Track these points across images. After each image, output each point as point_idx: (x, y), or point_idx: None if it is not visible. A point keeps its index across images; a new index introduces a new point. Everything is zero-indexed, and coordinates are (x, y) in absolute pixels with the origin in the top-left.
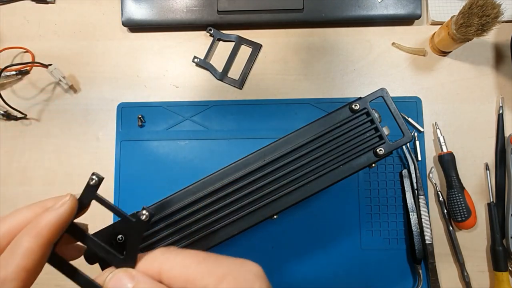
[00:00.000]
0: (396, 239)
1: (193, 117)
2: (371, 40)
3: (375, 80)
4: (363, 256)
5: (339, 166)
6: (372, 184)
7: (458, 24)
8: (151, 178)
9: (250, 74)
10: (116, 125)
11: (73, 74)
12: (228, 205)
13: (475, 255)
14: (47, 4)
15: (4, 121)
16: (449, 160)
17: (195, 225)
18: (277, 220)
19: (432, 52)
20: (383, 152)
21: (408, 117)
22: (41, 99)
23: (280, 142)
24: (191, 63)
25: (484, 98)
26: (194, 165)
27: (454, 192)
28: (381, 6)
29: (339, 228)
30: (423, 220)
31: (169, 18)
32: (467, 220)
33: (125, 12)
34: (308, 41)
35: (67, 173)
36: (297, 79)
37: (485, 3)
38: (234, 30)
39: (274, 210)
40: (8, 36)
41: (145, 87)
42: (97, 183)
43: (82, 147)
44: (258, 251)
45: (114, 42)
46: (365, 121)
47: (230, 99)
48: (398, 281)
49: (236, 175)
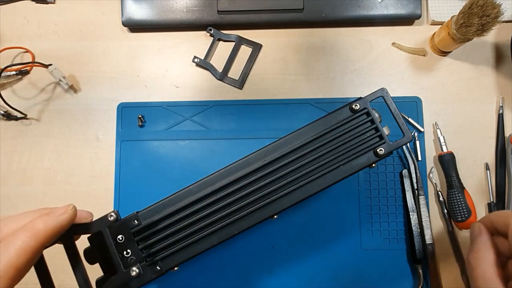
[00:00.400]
0: (396, 239)
1: (193, 117)
2: (371, 40)
3: (375, 80)
4: (363, 256)
5: (339, 166)
6: (372, 184)
7: (458, 24)
8: (151, 178)
9: (250, 74)
10: (116, 125)
11: (73, 74)
12: (228, 205)
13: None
14: (47, 4)
15: (4, 121)
16: (449, 160)
17: (196, 224)
18: (277, 220)
19: (432, 52)
20: (383, 152)
21: (408, 117)
22: (41, 99)
23: (280, 142)
24: (191, 63)
25: (484, 98)
26: (194, 165)
27: (454, 192)
28: (381, 6)
29: (339, 228)
30: (423, 220)
31: (169, 18)
32: (467, 220)
33: (125, 12)
34: (308, 41)
35: (67, 173)
36: (297, 79)
37: (485, 3)
38: (234, 30)
39: (274, 210)
40: (8, 36)
41: (145, 87)
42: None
43: (82, 147)
44: (258, 251)
45: (114, 42)
46: (365, 121)
47: (230, 99)
48: (398, 281)
49: (236, 175)
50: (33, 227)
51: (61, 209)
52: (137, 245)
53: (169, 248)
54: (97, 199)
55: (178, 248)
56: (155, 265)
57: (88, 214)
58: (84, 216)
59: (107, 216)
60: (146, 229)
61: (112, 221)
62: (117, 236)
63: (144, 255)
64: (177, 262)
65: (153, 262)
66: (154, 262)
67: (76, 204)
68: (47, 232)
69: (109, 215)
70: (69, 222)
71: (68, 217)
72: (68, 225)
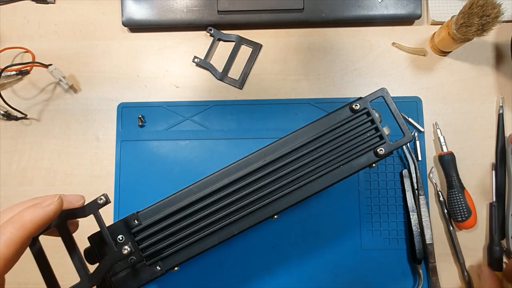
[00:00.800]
0: (397, 239)
1: (193, 117)
2: (371, 40)
3: (375, 80)
4: (363, 256)
5: (340, 166)
6: (372, 184)
7: (458, 24)
8: (151, 178)
9: (250, 74)
10: (116, 125)
11: (73, 74)
12: (229, 205)
13: (475, 255)
14: (47, 4)
15: (4, 121)
16: (450, 160)
17: (196, 224)
18: (277, 220)
19: (432, 52)
20: (384, 152)
21: (408, 117)
22: (41, 99)
23: (280, 142)
24: (191, 63)
25: (484, 98)
26: (194, 165)
27: (455, 192)
28: (381, 6)
29: (339, 228)
30: (424, 220)
31: (169, 18)
32: (468, 220)
33: (125, 12)
34: (308, 41)
35: (67, 173)
36: (297, 79)
37: (486, 3)
38: (234, 30)
39: (274, 210)
40: (8, 36)
41: (145, 87)
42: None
43: (82, 147)
44: (258, 251)
45: (114, 42)
46: (366, 121)
47: (230, 99)
48: (398, 281)
49: (236, 175)
50: (20, 219)
51: (48, 200)
52: (137, 245)
53: (169, 248)
54: None
55: (178, 248)
56: (155, 265)
57: (79, 197)
58: (75, 200)
59: (97, 200)
60: (146, 229)
61: (102, 204)
62: (117, 236)
63: (144, 255)
64: (177, 262)
65: (153, 262)
66: (154, 262)
67: None
68: (34, 223)
69: (98, 198)
70: (56, 212)
71: (54, 208)
72: (55, 215)
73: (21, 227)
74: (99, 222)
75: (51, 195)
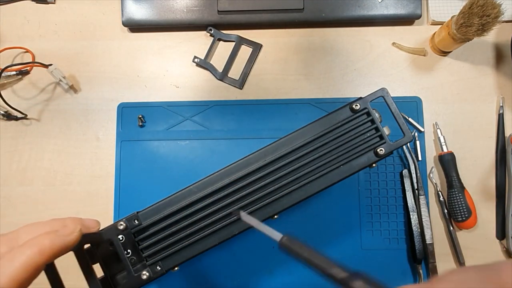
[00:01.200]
0: (397, 239)
1: (194, 117)
2: (371, 40)
3: (375, 80)
4: (363, 256)
5: (340, 166)
6: (372, 184)
7: (458, 24)
8: (151, 178)
9: (251, 74)
10: (116, 125)
11: (73, 74)
12: (229, 205)
13: (476, 255)
14: (47, 4)
15: (4, 121)
16: (450, 160)
17: (196, 224)
18: (277, 220)
19: (432, 52)
20: (384, 152)
21: (408, 117)
22: (41, 99)
23: (280, 142)
24: (191, 63)
25: (484, 98)
26: (195, 165)
27: (455, 192)
28: (381, 6)
29: (339, 228)
30: (424, 220)
31: (169, 18)
32: (468, 220)
33: (125, 12)
34: (308, 41)
35: (67, 173)
36: (297, 79)
37: (486, 3)
38: (234, 30)
39: (274, 210)
40: (8, 36)
41: (145, 87)
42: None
43: (82, 147)
44: (258, 251)
45: (114, 42)
46: (366, 121)
47: (231, 99)
48: (398, 281)
49: (237, 175)
50: (39, 244)
51: (69, 229)
52: (138, 245)
53: (169, 248)
54: (97, 199)
55: (178, 248)
56: (155, 265)
57: (96, 222)
58: (92, 225)
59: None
60: (147, 229)
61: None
62: (118, 236)
63: (145, 255)
64: (177, 262)
65: (153, 262)
66: (154, 262)
67: (77, 204)
68: (53, 250)
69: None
70: (75, 242)
71: (74, 239)
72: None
73: (39, 252)
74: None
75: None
